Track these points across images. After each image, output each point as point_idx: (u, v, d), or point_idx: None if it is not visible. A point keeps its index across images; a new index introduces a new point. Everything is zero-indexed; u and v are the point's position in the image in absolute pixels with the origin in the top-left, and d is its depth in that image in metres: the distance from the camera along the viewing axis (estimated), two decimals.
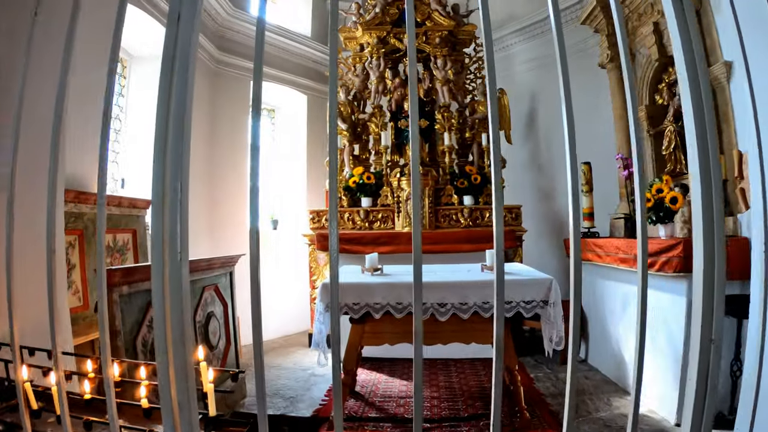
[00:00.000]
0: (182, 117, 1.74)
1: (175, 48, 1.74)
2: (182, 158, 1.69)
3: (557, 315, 4.59)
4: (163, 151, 1.70)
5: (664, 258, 5.11)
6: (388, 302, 4.61)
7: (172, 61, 1.74)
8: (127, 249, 6.32)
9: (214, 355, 5.57)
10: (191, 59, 1.78)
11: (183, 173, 1.69)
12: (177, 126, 1.71)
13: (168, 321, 1.63)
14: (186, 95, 1.77)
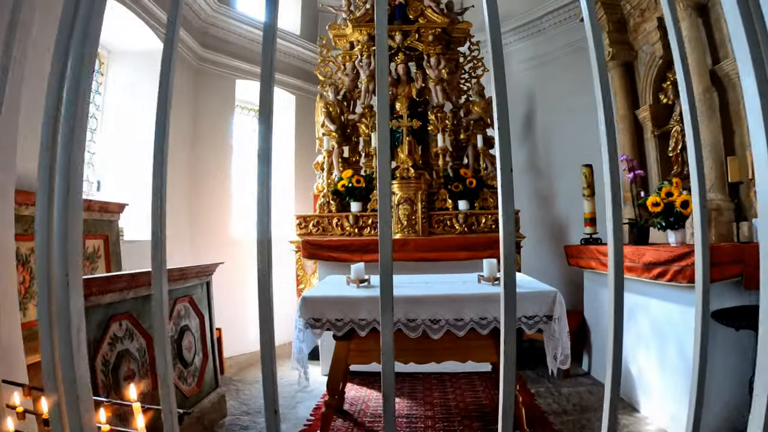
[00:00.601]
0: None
1: None
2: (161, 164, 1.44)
3: (562, 330, 4.17)
4: (51, 143, 1.34)
5: (676, 267, 4.70)
6: (375, 318, 4.16)
7: None
8: (97, 257, 5.89)
9: (189, 372, 5.14)
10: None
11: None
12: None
13: (57, 368, 1.21)
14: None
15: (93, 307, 3.89)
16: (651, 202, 5.38)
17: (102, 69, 7.57)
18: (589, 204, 7.13)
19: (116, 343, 4.09)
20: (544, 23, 9.26)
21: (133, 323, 4.32)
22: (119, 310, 4.15)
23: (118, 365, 4.06)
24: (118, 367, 4.06)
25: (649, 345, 5.44)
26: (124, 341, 4.18)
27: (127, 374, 4.16)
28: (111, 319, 4.04)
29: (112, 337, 4.05)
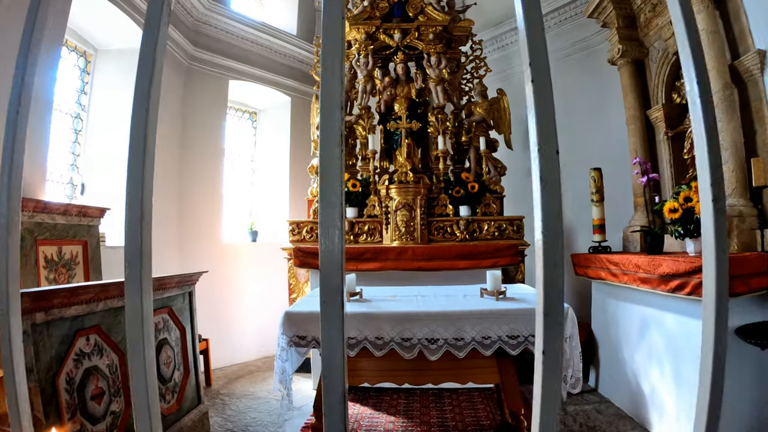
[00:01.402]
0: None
1: None
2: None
3: (573, 351, 3.79)
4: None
5: (696, 279, 4.32)
6: (366, 337, 3.77)
7: None
8: (75, 263, 5.56)
9: (168, 389, 4.77)
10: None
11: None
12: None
13: None
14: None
15: (55, 320, 3.53)
16: (668, 208, 5.02)
17: (88, 68, 7.29)
18: (598, 210, 6.77)
19: (83, 360, 3.74)
20: (549, 21, 8.92)
21: (103, 337, 3.96)
22: (86, 323, 3.80)
23: (84, 383, 3.71)
24: (85, 385, 3.71)
25: (662, 362, 5.08)
26: (92, 357, 3.82)
27: (96, 392, 3.81)
28: (77, 334, 3.68)
29: (77, 353, 3.69)
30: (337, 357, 1.12)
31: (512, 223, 7.32)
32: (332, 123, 1.16)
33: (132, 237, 1.29)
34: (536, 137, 1.15)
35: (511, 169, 8.11)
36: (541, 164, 1.12)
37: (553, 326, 1.09)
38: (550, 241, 1.07)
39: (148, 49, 1.38)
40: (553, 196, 1.10)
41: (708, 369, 1.31)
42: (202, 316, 6.67)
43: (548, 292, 1.08)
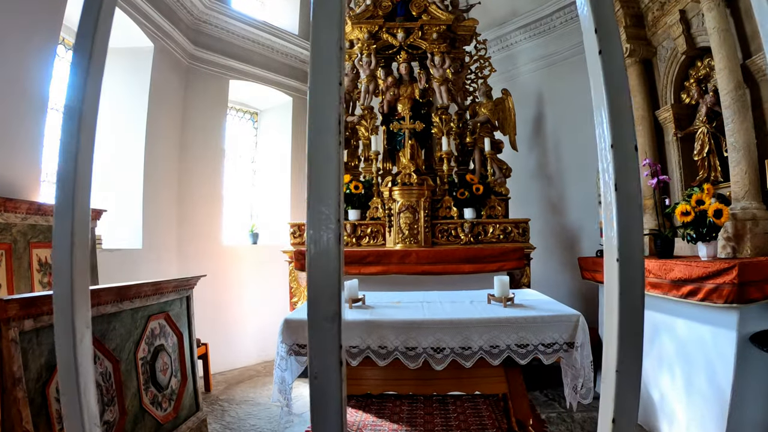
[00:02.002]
0: None
1: None
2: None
3: (585, 359, 3.66)
4: None
5: (710, 285, 4.19)
6: (368, 345, 3.63)
7: None
8: None
9: (164, 396, 4.64)
10: None
11: None
12: None
13: None
14: None
15: (44, 327, 3.40)
16: (680, 211, 4.88)
17: None
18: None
19: None
20: (554, 20, 8.81)
21: (96, 345, 3.82)
22: None
23: None
24: None
25: (673, 368, 4.95)
26: None
27: None
28: None
29: None
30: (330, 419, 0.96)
31: (518, 225, 7.19)
32: (327, 92, 0.99)
33: (61, 245, 1.20)
34: (607, 129, 0.92)
35: (516, 171, 7.98)
36: (616, 166, 0.91)
37: (631, 348, 0.97)
38: (629, 264, 0.91)
39: None
40: (631, 209, 0.91)
41: None
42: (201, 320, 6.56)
43: (626, 317, 0.95)
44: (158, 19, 7.35)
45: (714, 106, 5.68)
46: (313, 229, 0.93)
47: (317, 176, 0.90)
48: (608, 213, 0.90)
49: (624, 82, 0.90)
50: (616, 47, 0.95)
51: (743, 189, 4.93)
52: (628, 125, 0.86)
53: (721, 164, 5.69)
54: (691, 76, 6.19)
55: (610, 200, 0.90)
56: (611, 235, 0.91)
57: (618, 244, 0.89)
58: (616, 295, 0.91)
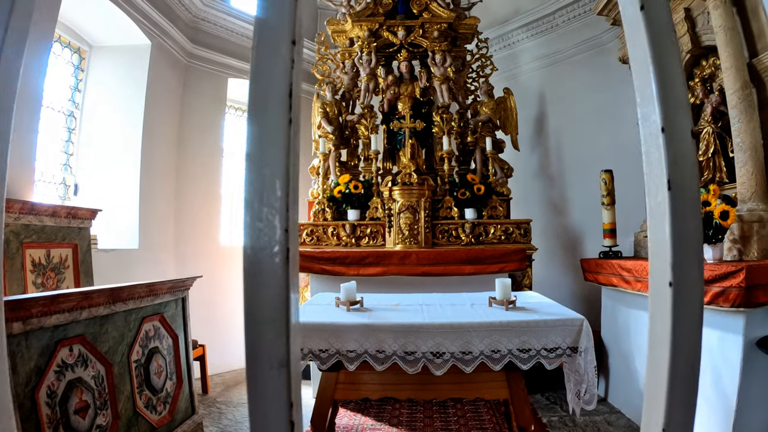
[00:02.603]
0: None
1: None
2: None
3: (588, 365, 3.55)
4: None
5: (717, 288, 4.10)
6: (366, 350, 3.53)
7: None
8: (65, 267, 5.35)
9: (159, 399, 4.55)
10: None
11: None
12: None
13: None
14: None
15: (34, 330, 3.31)
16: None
17: (82, 65, 7.08)
18: (609, 214, 6.55)
19: (65, 371, 3.51)
20: (557, 19, 8.71)
21: (88, 347, 3.74)
22: (69, 333, 3.57)
23: (67, 396, 3.49)
24: (68, 399, 3.49)
25: None
26: (75, 368, 3.60)
27: (80, 406, 3.58)
28: (58, 344, 3.46)
29: (59, 365, 3.47)
30: None
31: (519, 226, 7.09)
32: (273, 53, 0.79)
33: None
34: (657, 108, 0.72)
35: (518, 171, 7.89)
36: (669, 156, 0.72)
37: (683, 404, 0.72)
38: (686, 290, 0.70)
39: None
40: (689, 214, 0.72)
41: None
42: (199, 321, 6.47)
43: (679, 362, 0.74)
44: (156, 16, 7.27)
45: (719, 106, 5.60)
46: (249, 239, 0.73)
47: (256, 166, 0.71)
48: (656, 219, 0.70)
49: (673, 45, 0.70)
50: (664, 8, 0.75)
51: (750, 190, 4.84)
52: (682, 102, 0.66)
53: (726, 165, 5.60)
54: (695, 76, 6.11)
55: (660, 202, 0.71)
56: (661, 250, 0.70)
57: (672, 262, 0.67)
58: (667, 331, 0.70)
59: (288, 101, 0.67)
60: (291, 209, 0.68)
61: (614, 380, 6.21)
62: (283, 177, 0.66)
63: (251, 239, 0.70)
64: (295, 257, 0.69)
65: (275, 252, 0.67)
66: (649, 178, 0.68)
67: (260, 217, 0.68)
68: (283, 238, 0.67)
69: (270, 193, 0.67)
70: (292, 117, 0.65)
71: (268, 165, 0.68)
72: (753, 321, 4.06)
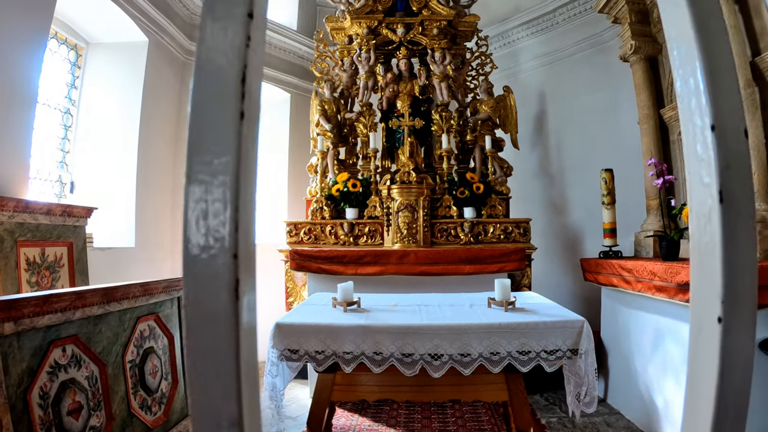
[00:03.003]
0: None
1: None
2: None
3: (589, 367, 3.50)
4: None
5: None
6: (363, 351, 3.47)
7: None
8: (60, 266, 5.30)
9: (154, 400, 4.50)
10: None
11: None
12: None
13: None
14: None
15: (26, 331, 3.26)
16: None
17: (79, 62, 7.04)
18: (609, 213, 6.50)
19: (58, 372, 3.46)
20: (557, 17, 8.65)
21: (81, 348, 3.69)
22: (63, 333, 3.52)
23: (60, 397, 3.44)
24: (61, 400, 3.44)
25: (678, 375, 4.81)
26: (68, 369, 3.55)
27: (73, 407, 3.54)
28: (51, 344, 3.41)
29: (52, 365, 3.42)
30: None
31: (519, 225, 7.03)
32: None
33: None
34: (705, 101, 0.61)
35: (518, 170, 7.83)
36: (721, 160, 0.59)
37: None
38: (738, 320, 0.59)
39: None
40: (745, 228, 0.61)
41: None
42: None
43: (728, 403, 0.63)
44: (153, 13, 7.21)
45: None
46: (188, 231, 0.59)
47: (197, 174, 0.60)
48: (702, 240, 0.56)
49: (721, 27, 0.62)
50: None
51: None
52: (733, 95, 0.56)
53: None
54: None
55: (708, 217, 0.57)
56: (708, 278, 0.57)
57: (723, 295, 0.55)
58: (714, 376, 0.58)
59: (240, 89, 0.57)
60: (242, 237, 0.58)
61: (614, 381, 6.16)
62: (232, 189, 0.57)
63: (190, 225, 0.59)
64: (252, 250, 0.59)
65: (220, 287, 0.57)
66: (692, 187, 0.58)
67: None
68: (231, 216, 0.57)
69: (213, 217, 0.57)
70: (244, 110, 0.56)
71: (208, 173, 0.58)
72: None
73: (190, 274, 0.57)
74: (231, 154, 0.55)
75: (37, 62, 5.26)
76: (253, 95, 0.59)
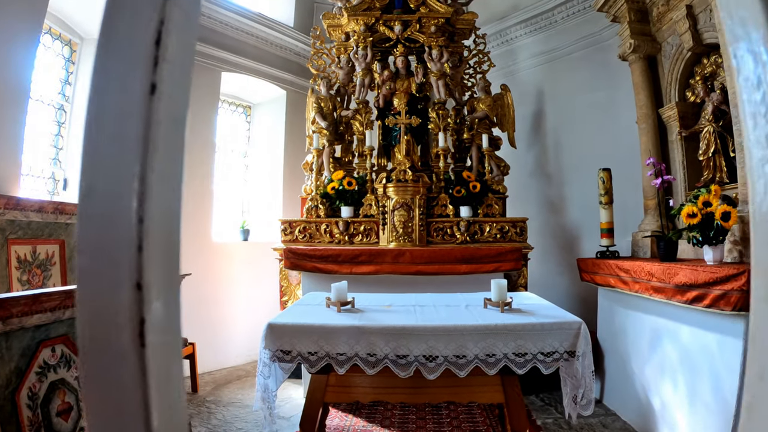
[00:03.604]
0: None
1: None
2: None
3: (586, 369, 3.46)
4: None
5: (718, 291, 4.00)
6: (357, 353, 3.42)
7: None
8: (51, 264, 5.24)
9: None
10: None
11: None
12: None
13: None
14: None
15: (15, 331, 3.21)
16: (687, 213, 4.68)
17: (73, 57, 6.97)
18: (607, 213, 6.46)
19: (47, 372, 3.41)
20: (556, 15, 8.59)
21: (71, 348, 3.63)
22: (52, 333, 3.47)
23: (49, 398, 3.39)
24: (50, 400, 3.39)
25: (676, 376, 4.76)
26: (58, 369, 3.49)
27: (63, 408, 3.48)
28: (40, 345, 3.36)
29: (41, 366, 3.36)
30: None
31: (515, 225, 6.97)
32: None
33: None
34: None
35: (515, 169, 7.80)
36: None
37: None
38: None
39: None
40: None
41: None
42: (190, 319, 6.38)
43: None
44: None
45: (721, 105, 5.51)
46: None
47: (92, 161, 0.48)
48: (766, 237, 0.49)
49: None
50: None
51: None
52: None
53: (726, 165, 5.51)
54: (696, 74, 6.03)
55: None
56: None
57: None
58: None
59: (153, 52, 0.47)
60: (152, 228, 0.48)
61: (610, 382, 6.12)
62: (138, 185, 0.48)
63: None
64: (161, 285, 0.48)
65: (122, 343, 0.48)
66: (753, 173, 0.50)
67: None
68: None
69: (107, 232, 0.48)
70: (156, 82, 0.47)
71: (106, 164, 0.48)
72: None
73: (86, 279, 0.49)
74: (135, 147, 0.47)
75: (30, 57, 5.20)
76: (175, 65, 0.49)
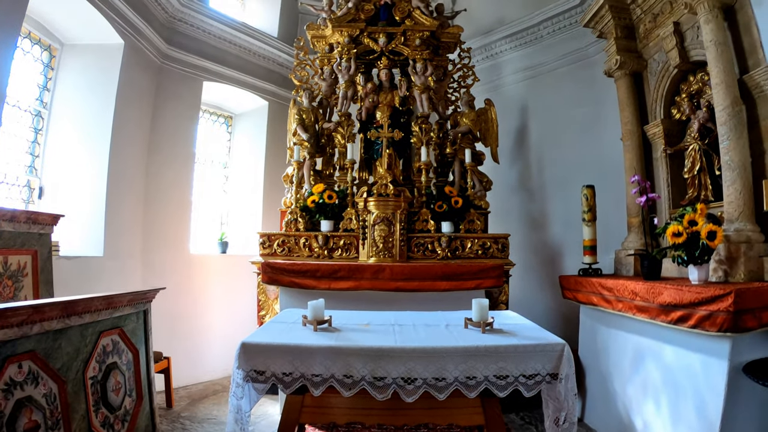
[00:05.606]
0: None
1: None
2: None
3: (569, 392, 3.38)
4: None
5: (703, 311, 3.95)
6: (333, 374, 3.31)
7: None
8: (23, 275, 5.08)
9: (117, 417, 4.30)
10: None
11: None
12: None
13: None
14: None
15: None
16: (672, 232, 4.63)
17: (52, 63, 6.84)
18: (590, 230, 6.40)
19: (13, 390, 3.27)
20: (542, 30, 8.56)
21: (39, 364, 3.49)
22: (19, 348, 3.33)
23: (15, 416, 3.24)
24: (16, 419, 3.25)
25: (659, 396, 4.71)
26: (24, 386, 3.35)
27: (29, 426, 3.34)
28: (6, 361, 3.22)
29: (7, 383, 3.22)
30: None
31: (497, 241, 6.88)
32: None
33: None
34: None
35: (497, 184, 7.73)
36: None
37: None
38: None
39: None
40: None
41: None
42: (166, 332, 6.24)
43: None
44: (130, 15, 7.04)
45: (707, 122, 5.49)
46: None
47: None
48: None
49: None
50: None
51: (737, 210, 4.72)
52: None
53: (712, 183, 5.47)
54: (682, 91, 6.03)
55: None
56: None
57: None
58: None
59: None
60: None
61: (591, 400, 6.05)
62: None
63: None
64: None
65: None
66: None
67: None
68: None
69: None
70: None
71: None
72: (739, 346, 3.93)
73: None
74: None
75: (6, 61, 5.07)
76: None
